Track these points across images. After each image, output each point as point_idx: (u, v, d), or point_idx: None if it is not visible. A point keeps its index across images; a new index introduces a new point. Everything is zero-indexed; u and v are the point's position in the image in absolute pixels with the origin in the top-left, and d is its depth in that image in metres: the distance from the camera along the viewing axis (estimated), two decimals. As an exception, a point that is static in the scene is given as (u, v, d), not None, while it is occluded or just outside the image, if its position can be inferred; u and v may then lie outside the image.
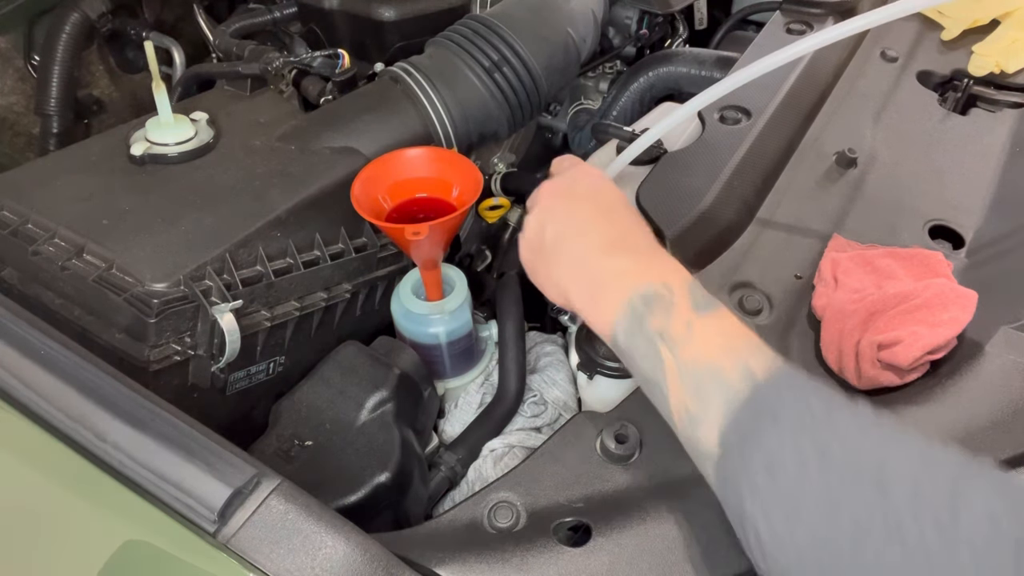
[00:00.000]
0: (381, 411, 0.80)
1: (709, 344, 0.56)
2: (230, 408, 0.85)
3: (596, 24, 1.22)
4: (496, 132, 1.09)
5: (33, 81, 1.32)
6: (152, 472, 0.56)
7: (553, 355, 0.97)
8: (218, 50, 1.21)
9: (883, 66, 1.17)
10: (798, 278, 0.85)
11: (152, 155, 0.90)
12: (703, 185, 0.91)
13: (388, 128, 0.98)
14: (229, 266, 0.80)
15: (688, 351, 0.57)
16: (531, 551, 0.63)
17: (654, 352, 0.58)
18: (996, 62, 1.13)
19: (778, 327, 0.80)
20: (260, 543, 0.54)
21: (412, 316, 0.88)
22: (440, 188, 0.86)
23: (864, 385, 0.73)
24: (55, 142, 1.31)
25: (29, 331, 0.65)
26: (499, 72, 1.05)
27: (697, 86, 1.28)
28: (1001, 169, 0.99)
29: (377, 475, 0.74)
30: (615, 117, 1.31)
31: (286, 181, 0.89)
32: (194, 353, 0.79)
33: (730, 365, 0.54)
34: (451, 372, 0.93)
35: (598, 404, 0.85)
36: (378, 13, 1.17)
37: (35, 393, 0.61)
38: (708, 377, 0.55)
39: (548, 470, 0.69)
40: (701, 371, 0.55)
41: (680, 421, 0.57)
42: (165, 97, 0.90)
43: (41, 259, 0.80)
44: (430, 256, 0.85)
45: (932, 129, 1.07)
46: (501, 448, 0.86)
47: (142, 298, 0.75)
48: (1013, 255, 0.88)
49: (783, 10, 1.23)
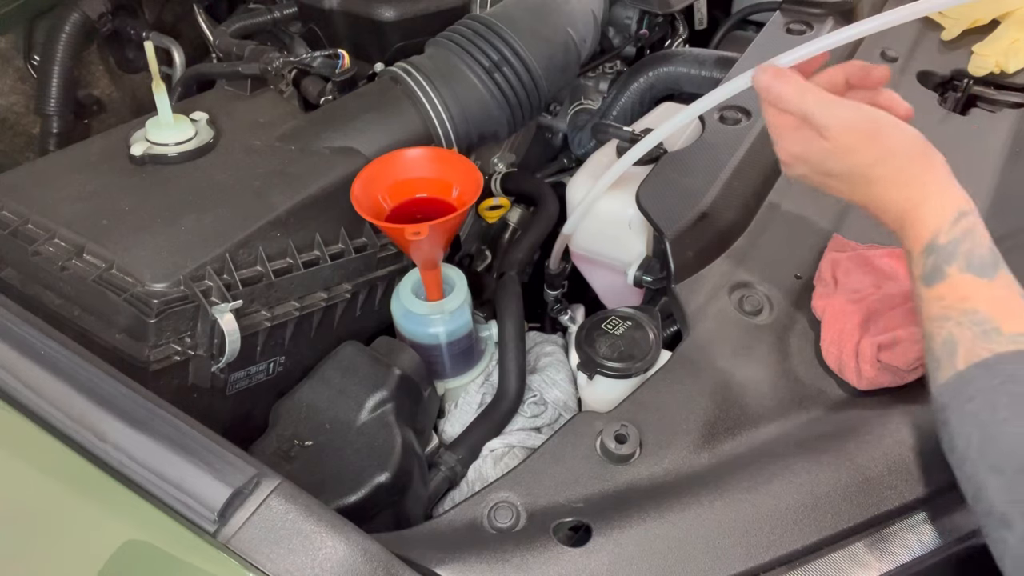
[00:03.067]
0: (381, 411, 0.80)
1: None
2: (230, 408, 0.85)
3: (596, 24, 1.21)
4: (496, 132, 1.09)
5: (33, 81, 1.32)
6: (152, 472, 0.56)
7: (553, 355, 0.97)
8: (218, 50, 1.21)
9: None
10: (798, 278, 0.85)
11: (152, 155, 0.90)
12: (703, 185, 0.91)
13: (388, 128, 0.98)
14: (229, 266, 0.80)
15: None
16: (531, 551, 0.63)
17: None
18: (996, 62, 1.13)
19: (778, 327, 0.81)
20: (260, 543, 0.54)
21: (412, 316, 0.88)
22: (440, 188, 0.86)
23: (864, 385, 0.73)
24: (55, 142, 1.31)
25: (29, 331, 0.65)
26: (499, 72, 1.05)
27: (697, 86, 1.28)
28: (1001, 169, 0.99)
29: (377, 475, 0.74)
30: (615, 117, 1.31)
31: (286, 181, 0.89)
32: (194, 353, 0.79)
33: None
34: (451, 372, 0.93)
35: (598, 404, 0.85)
36: (378, 13, 1.17)
37: (35, 393, 0.61)
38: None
39: (548, 470, 0.69)
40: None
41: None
42: (165, 97, 0.90)
43: (41, 259, 0.80)
44: (430, 256, 0.85)
45: (932, 129, 1.06)
46: (501, 448, 0.86)
47: (142, 298, 0.75)
48: (1013, 256, 0.88)
49: (783, 10, 1.22)
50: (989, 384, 0.56)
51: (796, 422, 0.73)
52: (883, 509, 0.65)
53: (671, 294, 0.85)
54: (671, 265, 0.85)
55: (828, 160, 0.68)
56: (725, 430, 0.72)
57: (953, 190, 0.65)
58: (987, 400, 0.56)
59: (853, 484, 0.66)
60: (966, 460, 0.57)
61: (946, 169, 0.66)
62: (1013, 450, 0.53)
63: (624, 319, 0.84)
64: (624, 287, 0.99)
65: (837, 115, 0.66)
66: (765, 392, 0.75)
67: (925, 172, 0.65)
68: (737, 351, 0.78)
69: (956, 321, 0.60)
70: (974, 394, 0.57)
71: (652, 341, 0.82)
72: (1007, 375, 0.56)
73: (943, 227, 0.63)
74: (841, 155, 0.67)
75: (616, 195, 0.95)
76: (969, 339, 0.59)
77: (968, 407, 0.57)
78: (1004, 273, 0.62)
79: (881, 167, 0.66)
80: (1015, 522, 0.51)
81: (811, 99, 0.66)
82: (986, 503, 0.54)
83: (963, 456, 0.57)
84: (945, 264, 0.62)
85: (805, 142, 0.68)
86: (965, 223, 0.63)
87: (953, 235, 0.63)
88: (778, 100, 0.68)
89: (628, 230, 0.98)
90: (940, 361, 0.61)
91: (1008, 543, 0.52)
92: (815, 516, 0.64)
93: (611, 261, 1.03)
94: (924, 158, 0.66)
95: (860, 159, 0.66)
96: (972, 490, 0.56)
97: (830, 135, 0.66)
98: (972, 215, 0.64)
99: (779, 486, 0.66)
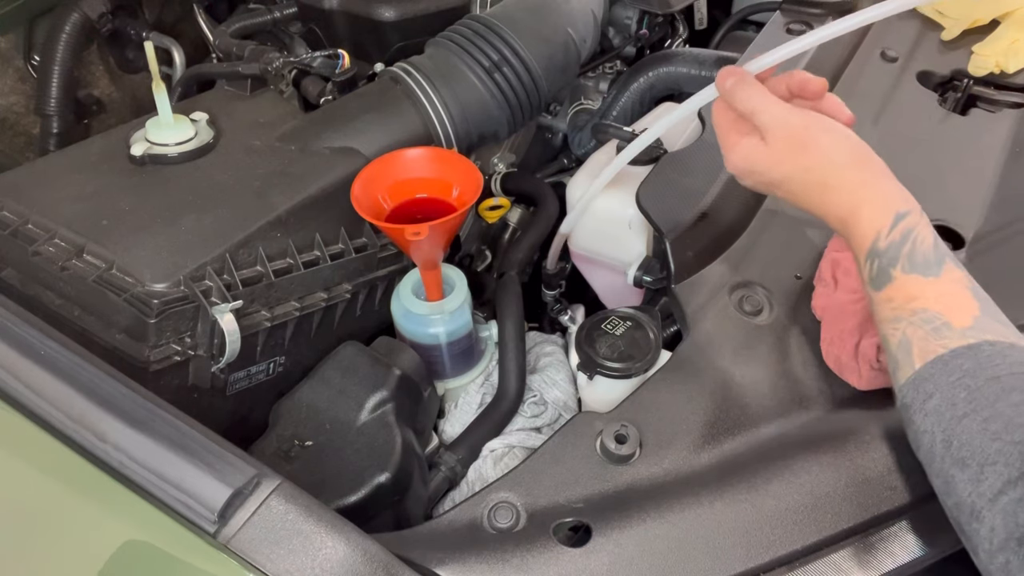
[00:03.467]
0: (381, 411, 0.80)
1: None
2: (230, 408, 0.85)
3: (596, 24, 1.21)
4: (496, 132, 1.09)
5: (33, 81, 1.32)
6: (152, 472, 0.56)
7: (553, 355, 0.97)
8: (218, 50, 1.21)
9: (883, 66, 1.17)
10: (798, 278, 0.85)
11: (152, 155, 0.90)
12: (703, 185, 0.91)
13: (388, 128, 0.98)
14: (229, 266, 0.80)
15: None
16: (531, 551, 0.63)
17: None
18: (996, 62, 1.13)
19: (778, 327, 0.81)
20: (260, 543, 0.54)
21: (412, 316, 0.88)
22: (440, 188, 0.86)
23: (864, 386, 0.73)
24: (55, 142, 1.31)
25: (29, 331, 0.65)
26: (499, 72, 1.05)
27: (697, 86, 1.26)
28: (1001, 169, 0.99)
29: (377, 475, 0.74)
30: (615, 117, 1.31)
31: (286, 181, 0.89)
32: (194, 353, 0.79)
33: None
34: (451, 372, 0.93)
35: (598, 404, 0.85)
36: (378, 13, 1.17)
37: (35, 394, 0.61)
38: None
39: (548, 470, 0.69)
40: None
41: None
42: (165, 97, 0.90)
43: (41, 259, 0.80)
44: (430, 256, 0.85)
45: (932, 129, 1.07)
46: (501, 448, 0.86)
47: (142, 298, 0.75)
48: (1013, 256, 0.88)
49: (783, 10, 1.22)
50: (947, 381, 0.58)
51: (796, 422, 0.73)
52: (883, 509, 0.65)
53: (671, 294, 0.85)
54: (671, 265, 0.85)
55: (771, 170, 0.70)
56: (725, 430, 0.71)
57: (891, 193, 0.66)
58: (946, 397, 0.57)
59: (853, 484, 0.66)
60: (933, 457, 0.58)
61: (884, 172, 0.67)
62: (975, 443, 0.54)
63: (624, 319, 0.84)
64: (624, 287, 0.99)
65: (777, 116, 0.68)
66: (765, 392, 0.75)
67: (861, 177, 0.67)
68: (737, 351, 0.78)
69: (908, 321, 0.62)
70: (933, 391, 0.58)
71: (652, 341, 0.82)
72: (963, 371, 0.57)
73: (883, 231, 0.64)
74: (778, 163, 0.69)
75: (616, 195, 0.95)
76: (922, 337, 0.60)
77: (929, 405, 0.58)
78: (950, 267, 0.63)
79: (816, 174, 0.67)
80: (984, 514, 0.52)
81: (757, 97, 0.69)
82: (956, 497, 0.55)
83: (930, 453, 0.58)
84: (889, 267, 0.64)
85: (749, 149, 0.70)
86: (904, 224, 0.64)
87: (892, 238, 0.64)
88: (731, 96, 0.70)
89: (628, 230, 0.98)
90: (899, 362, 0.62)
91: (980, 535, 0.52)
92: (815, 516, 0.64)
93: (611, 261, 1.03)
94: (859, 163, 0.67)
95: (793, 167, 0.68)
96: (942, 486, 0.57)
97: (768, 139, 0.69)
98: (912, 215, 0.65)
99: (779, 486, 0.66)
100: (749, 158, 0.71)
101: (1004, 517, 0.51)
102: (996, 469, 0.52)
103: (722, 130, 0.73)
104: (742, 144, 0.71)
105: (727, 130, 0.72)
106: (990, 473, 0.53)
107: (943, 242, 0.65)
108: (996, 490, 0.52)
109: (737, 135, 0.71)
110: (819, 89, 0.70)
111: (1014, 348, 0.58)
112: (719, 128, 0.73)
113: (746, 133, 0.71)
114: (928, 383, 0.59)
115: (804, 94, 0.71)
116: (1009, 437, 0.53)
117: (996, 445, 0.53)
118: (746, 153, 0.71)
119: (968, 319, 0.60)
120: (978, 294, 0.62)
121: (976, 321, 0.60)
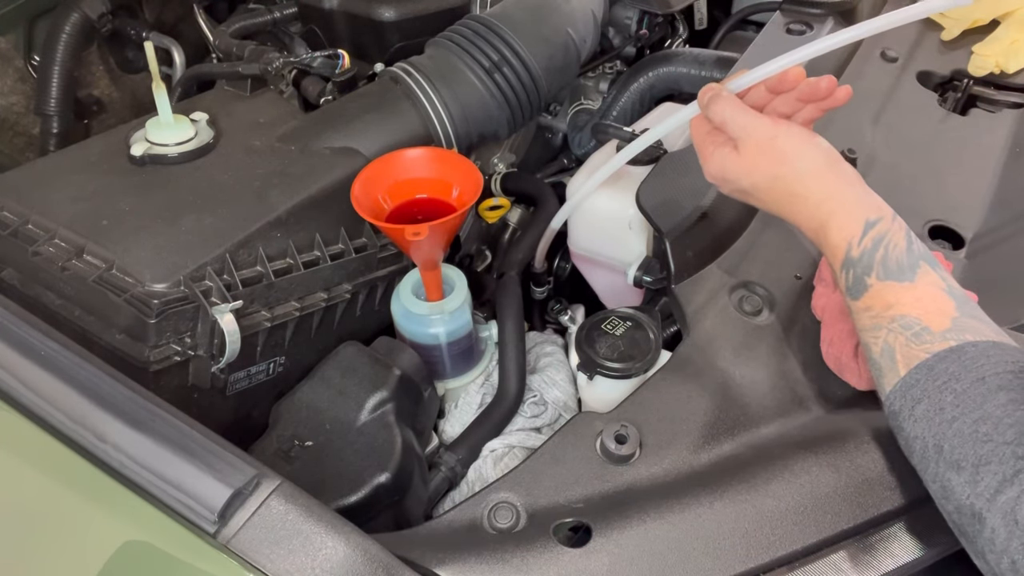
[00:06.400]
0: (381, 411, 0.80)
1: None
2: (230, 408, 0.85)
3: (596, 24, 1.21)
4: (496, 132, 1.09)
5: (33, 81, 1.32)
6: (152, 473, 0.56)
7: (553, 355, 0.97)
8: (218, 50, 1.21)
9: (883, 66, 1.17)
10: (798, 278, 0.85)
11: (152, 155, 0.90)
12: (703, 185, 0.90)
13: (388, 128, 0.98)
14: (229, 266, 0.80)
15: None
16: (531, 552, 0.63)
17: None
18: (996, 62, 1.13)
19: (778, 327, 0.81)
20: (260, 544, 0.54)
21: (412, 316, 0.88)
22: (440, 189, 0.86)
23: (864, 386, 0.73)
24: (55, 142, 1.31)
25: (29, 331, 0.65)
26: (499, 72, 1.05)
27: (697, 86, 1.26)
28: (1001, 169, 0.99)
29: (377, 475, 0.74)
30: (615, 117, 1.31)
31: (286, 181, 0.89)
32: (194, 353, 0.79)
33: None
34: (451, 372, 0.93)
35: (598, 404, 0.85)
36: (378, 13, 1.17)
37: (35, 394, 0.61)
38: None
39: (548, 470, 0.69)
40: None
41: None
42: (165, 97, 0.90)
43: (41, 260, 0.81)
44: (430, 257, 0.85)
45: (932, 129, 1.07)
46: (501, 448, 0.86)
47: (142, 298, 0.75)
48: (1012, 256, 0.88)
49: (783, 10, 1.22)
50: (933, 386, 0.58)
51: (796, 422, 0.73)
52: (883, 509, 0.65)
53: (671, 294, 0.85)
54: (671, 265, 0.85)
55: (742, 179, 0.71)
56: (725, 430, 0.72)
57: (860, 200, 0.66)
58: (933, 402, 0.58)
59: (852, 485, 0.66)
60: (927, 462, 0.58)
61: (853, 180, 0.68)
62: (967, 446, 0.55)
63: (624, 319, 0.84)
64: (624, 287, 0.99)
65: (746, 127, 0.69)
66: (765, 392, 0.75)
67: (828, 187, 0.67)
68: (737, 351, 0.78)
69: (888, 328, 0.62)
70: (920, 397, 0.59)
71: (652, 341, 0.82)
72: (949, 374, 0.58)
73: (854, 240, 0.65)
74: (747, 172, 0.70)
75: (616, 195, 0.95)
76: (904, 344, 0.61)
77: (917, 411, 0.59)
78: (925, 270, 0.63)
79: (784, 183, 0.68)
80: (985, 514, 0.52)
81: (729, 109, 0.70)
82: (955, 501, 0.55)
83: (923, 458, 0.58)
84: (864, 275, 0.64)
85: (722, 158, 0.71)
86: (874, 232, 0.64)
87: (864, 246, 0.64)
88: (706, 108, 0.72)
89: (628, 230, 0.98)
90: (883, 369, 0.62)
91: (984, 536, 0.52)
92: (815, 516, 0.64)
93: (611, 261, 1.03)
94: (826, 172, 0.67)
95: (763, 176, 0.69)
96: (939, 491, 0.57)
97: (740, 148, 0.70)
98: (883, 221, 0.65)
99: (779, 486, 0.66)
100: (723, 167, 0.72)
101: (1004, 516, 0.51)
102: (991, 469, 0.53)
103: (698, 141, 0.75)
104: (717, 154, 0.72)
105: (702, 141, 0.74)
106: (985, 474, 0.53)
107: (920, 243, 0.65)
108: (993, 489, 0.52)
109: (712, 145, 0.73)
110: (796, 78, 0.69)
111: (996, 347, 0.58)
112: (695, 139, 0.75)
113: (720, 144, 0.72)
114: (915, 389, 0.59)
115: (781, 89, 0.71)
116: (1000, 438, 0.53)
117: (988, 447, 0.53)
118: (720, 162, 0.72)
119: (947, 321, 0.60)
120: (954, 293, 0.63)
121: (954, 322, 0.60)
